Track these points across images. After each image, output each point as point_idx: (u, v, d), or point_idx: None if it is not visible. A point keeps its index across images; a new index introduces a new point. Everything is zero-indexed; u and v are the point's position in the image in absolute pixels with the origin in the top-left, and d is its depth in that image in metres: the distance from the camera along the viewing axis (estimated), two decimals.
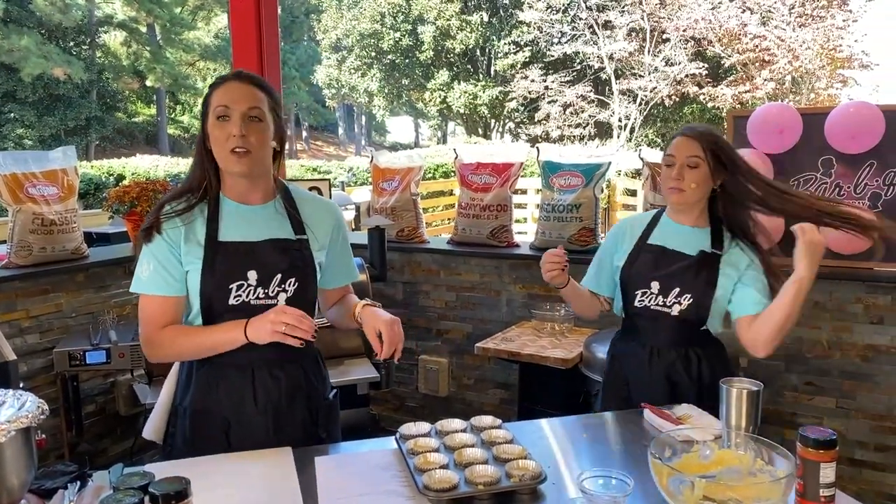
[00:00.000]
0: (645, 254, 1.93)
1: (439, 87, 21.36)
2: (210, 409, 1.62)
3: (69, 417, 3.05)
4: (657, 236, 1.94)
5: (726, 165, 1.83)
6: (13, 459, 1.24)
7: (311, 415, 1.70)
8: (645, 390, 1.90)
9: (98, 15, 23.27)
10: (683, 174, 1.83)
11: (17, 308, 2.99)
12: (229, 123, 1.52)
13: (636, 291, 1.92)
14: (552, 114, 19.15)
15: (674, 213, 1.95)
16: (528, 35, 19.90)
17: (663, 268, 1.89)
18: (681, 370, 1.90)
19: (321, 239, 1.69)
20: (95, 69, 22.78)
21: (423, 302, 3.66)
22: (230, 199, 1.62)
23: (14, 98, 20.59)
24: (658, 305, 1.89)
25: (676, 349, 1.90)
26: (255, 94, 1.55)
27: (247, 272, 1.57)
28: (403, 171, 3.70)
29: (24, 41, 19.52)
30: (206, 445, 1.60)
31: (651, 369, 1.92)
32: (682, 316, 1.86)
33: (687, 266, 1.86)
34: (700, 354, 1.91)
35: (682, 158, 1.83)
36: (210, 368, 1.62)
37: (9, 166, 3.02)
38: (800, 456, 1.31)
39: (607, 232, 2.06)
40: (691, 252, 1.87)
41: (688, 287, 1.85)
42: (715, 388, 1.75)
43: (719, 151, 1.83)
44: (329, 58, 23.17)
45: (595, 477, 1.34)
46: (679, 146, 1.85)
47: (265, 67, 3.99)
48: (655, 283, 1.89)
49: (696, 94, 17.54)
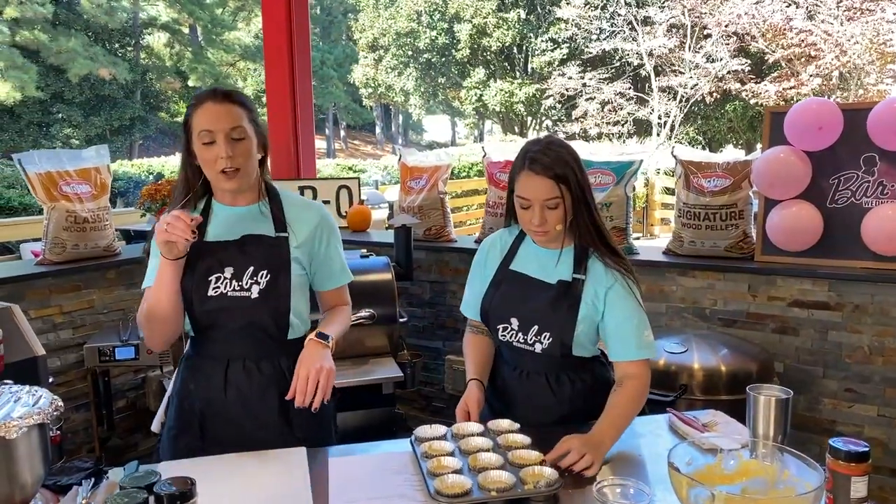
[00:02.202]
0: (506, 284, 1.77)
1: (475, 86, 21.29)
2: (188, 398, 1.71)
3: (99, 412, 3.10)
4: (519, 261, 1.79)
5: (577, 186, 1.64)
6: (26, 456, 1.24)
7: (285, 415, 1.70)
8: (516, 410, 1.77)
9: (142, 17, 23.79)
10: (546, 217, 1.64)
11: (50, 304, 3.05)
12: (215, 146, 1.59)
13: (497, 325, 1.77)
14: (590, 111, 18.93)
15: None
16: (565, 32, 19.69)
17: (523, 302, 1.73)
18: (549, 395, 1.77)
19: (300, 237, 1.73)
20: (139, 70, 23.31)
21: (451, 301, 3.63)
22: (220, 202, 1.72)
23: (62, 99, 21.18)
24: (520, 343, 1.74)
25: (546, 376, 1.77)
26: (234, 112, 1.61)
27: (224, 267, 1.65)
28: (431, 169, 3.68)
29: (72, 43, 20.05)
30: (183, 434, 1.70)
31: (521, 389, 1.80)
32: (546, 353, 1.72)
33: (546, 300, 1.70)
34: (572, 377, 1.77)
35: (539, 202, 1.63)
36: (194, 360, 1.73)
37: (43, 165, 3.08)
38: (830, 468, 1.25)
39: (475, 257, 1.89)
40: (552, 280, 1.72)
41: (547, 324, 1.70)
42: (591, 411, 1.68)
43: (573, 183, 1.63)
44: (366, 57, 23.28)
45: (613, 485, 1.30)
46: (534, 188, 1.62)
47: (296, 71, 4.02)
48: (514, 319, 1.74)
49: (738, 90, 17.13)
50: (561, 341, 1.69)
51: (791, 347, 2.87)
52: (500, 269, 1.80)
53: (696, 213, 3.03)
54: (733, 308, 2.97)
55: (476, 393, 1.74)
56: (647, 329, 1.70)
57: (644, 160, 3.28)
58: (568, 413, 1.76)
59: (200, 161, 1.62)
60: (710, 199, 3.00)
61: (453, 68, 22.02)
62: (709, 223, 3.01)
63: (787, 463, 1.32)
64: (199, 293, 1.63)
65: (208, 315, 1.65)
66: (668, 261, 3.11)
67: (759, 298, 2.92)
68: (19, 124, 20.90)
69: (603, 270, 1.70)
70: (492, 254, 1.85)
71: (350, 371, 2.83)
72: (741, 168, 2.97)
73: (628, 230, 3.29)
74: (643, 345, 1.68)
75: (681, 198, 3.12)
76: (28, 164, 3.07)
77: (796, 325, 2.85)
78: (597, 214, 1.71)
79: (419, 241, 3.62)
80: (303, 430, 1.71)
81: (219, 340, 1.68)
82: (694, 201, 3.04)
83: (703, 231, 3.03)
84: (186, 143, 1.64)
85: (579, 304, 1.68)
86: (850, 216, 2.74)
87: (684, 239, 3.10)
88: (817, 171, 2.76)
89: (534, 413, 1.76)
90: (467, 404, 1.72)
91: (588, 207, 1.68)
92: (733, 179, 2.97)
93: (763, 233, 2.90)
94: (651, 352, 1.70)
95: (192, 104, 1.63)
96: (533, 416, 1.74)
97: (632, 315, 1.68)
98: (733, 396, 2.38)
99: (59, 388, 3.08)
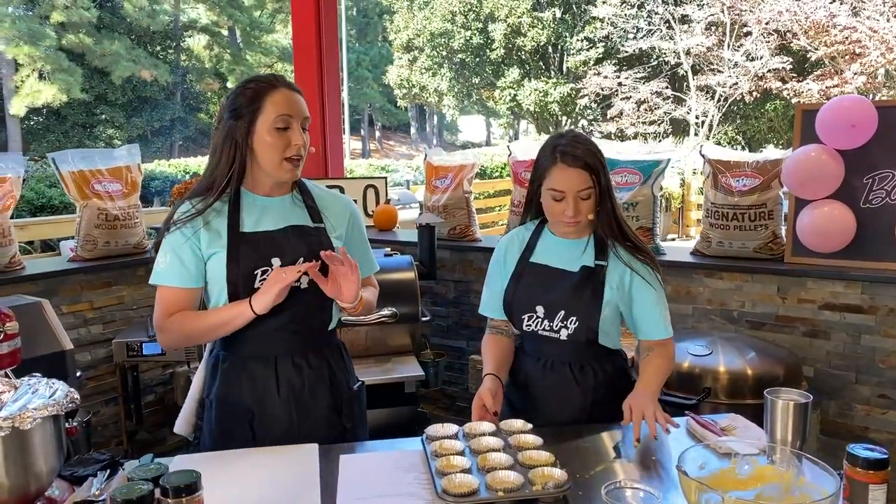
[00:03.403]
0: (528, 275, 1.80)
1: (509, 86, 21.22)
2: (234, 400, 1.65)
3: (128, 406, 3.16)
4: (539, 253, 1.81)
5: (605, 178, 1.71)
6: (41, 446, 1.27)
7: (335, 405, 1.71)
8: (538, 403, 1.80)
9: (183, 20, 24.30)
10: (579, 208, 1.68)
11: (81, 300, 3.13)
12: (290, 132, 1.58)
13: (522, 316, 1.79)
14: (625, 111, 18.72)
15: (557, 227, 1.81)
16: (601, 31, 19.51)
17: (547, 289, 1.76)
18: (572, 386, 1.79)
19: (338, 228, 1.73)
20: (180, 72, 23.81)
21: (475, 301, 3.61)
22: (250, 192, 1.66)
23: (105, 100, 21.76)
24: (545, 330, 1.77)
25: (570, 365, 1.79)
26: (304, 102, 1.63)
27: (271, 259, 1.61)
28: (456, 168, 3.67)
29: (115, 46, 20.58)
30: (231, 437, 1.64)
31: (543, 382, 1.81)
32: (572, 339, 1.75)
33: (570, 286, 1.74)
34: (595, 368, 1.79)
35: (573, 193, 1.67)
36: (234, 360, 1.66)
37: (76, 164, 3.16)
38: (847, 476, 1.21)
39: (493, 256, 1.91)
40: (574, 268, 1.75)
41: (573, 309, 1.73)
42: (609, 404, 1.73)
43: (600, 168, 1.69)
44: (401, 58, 23.37)
45: (622, 488, 1.28)
46: (566, 181, 1.67)
47: (324, 71, 4.06)
48: (540, 307, 1.76)
49: (779, 89, 16.76)
50: (587, 326, 1.73)
51: (822, 352, 2.79)
52: (521, 262, 1.82)
53: (725, 212, 2.97)
54: (762, 310, 2.90)
55: (490, 384, 1.75)
56: (668, 311, 1.80)
57: (671, 159, 3.22)
58: (589, 405, 1.77)
59: (266, 146, 1.57)
60: (739, 199, 2.94)
61: (487, 68, 21.99)
62: (737, 223, 2.94)
63: (803, 469, 1.28)
64: (246, 286, 1.59)
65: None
66: (696, 262, 3.05)
67: (788, 301, 2.84)
68: (65, 126, 21.53)
69: (626, 256, 1.75)
70: (510, 250, 1.86)
71: (372, 369, 2.84)
72: (771, 167, 2.90)
73: (655, 230, 3.24)
74: (669, 325, 1.79)
75: (709, 197, 3.06)
76: (62, 163, 3.15)
77: (827, 329, 2.78)
78: (617, 206, 1.77)
79: (444, 241, 3.62)
80: (350, 419, 1.73)
81: (263, 337, 1.63)
82: (722, 201, 2.98)
83: (732, 231, 2.97)
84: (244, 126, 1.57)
85: (603, 289, 1.72)
86: (884, 217, 2.66)
87: (712, 239, 3.04)
88: (850, 171, 2.67)
89: (556, 405, 1.78)
90: (482, 398, 1.72)
91: (611, 198, 1.74)
92: (763, 179, 2.90)
93: (793, 233, 2.83)
94: (671, 330, 1.81)
95: (262, 86, 1.58)
96: (555, 408, 1.77)
97: (658, 299, 1.76)
98: (758, 401, 2.29)
99: (89, 381, 3.16)
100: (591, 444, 1.62)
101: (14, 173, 2.98)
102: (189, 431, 1.76)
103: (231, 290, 1.60)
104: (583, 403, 1.78)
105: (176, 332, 1.62)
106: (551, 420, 1.75)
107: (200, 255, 1.61)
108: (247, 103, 1.58)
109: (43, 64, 19.09)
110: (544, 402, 1.79)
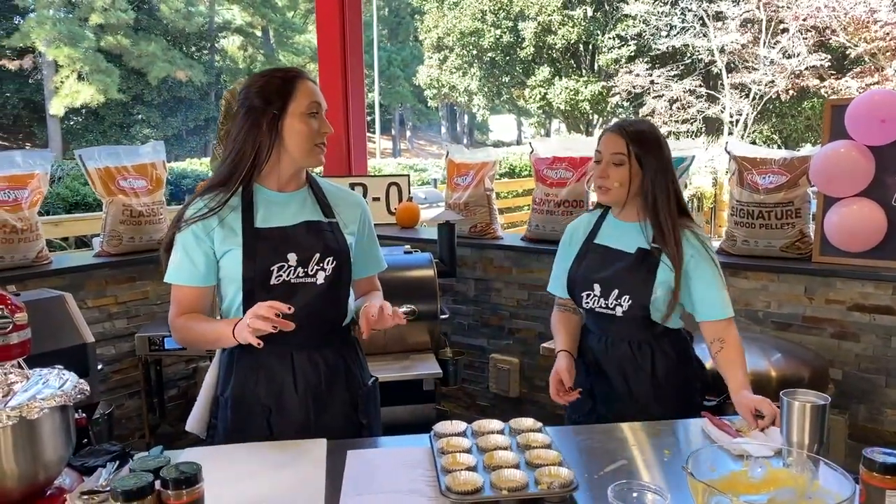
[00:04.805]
0: (591, 255, 1.91)
1: (539, 84, 21.09)
2: (251, 397, 1.65)
3: (150, 400, 3.21)
4: (602, 235, 1.92)
5: (653, 161, 1.79)
6: (50, 436, 1.28)
7: (352, 401, 1.71)
8: (603, 382, 1.90)
9: (218, 21, 24.67)
10: (609, 172, 1.80)
11: (106, 294, 3.18)
12: (318, 120, 1.62)
13: (581, 294, 1.90)
14: (657, 109, 18.46)
15: (616, 210, 1.91)
16: (633, 29, 19.28)
17: (605, 268, 1.86)
18: (633, 362, 1.87)
19: (350, 224, 1.74)
20: (214, 72, 24.16)
21: (495, 300, 3.59)
22: (265, 186, 1.66)
23: (142, 101, 22.19)
24: (602, 308, 1.86)
25: (629, 342, 1.87)
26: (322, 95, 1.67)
27: (287, 254, 1.61)
28: (477, 165, 3.65)
29: (152, 47, 20.99)
30: (247, 433, 1.63)
31: (607, 360, 1.90)
32: (627, 316, 1.83)
33: (626, 266, 1.83)
34: (654, 347, 1.86)
35: (608, 155, 1.80)
36: (250, 357, 1.65)
37: (103, 160, 3.21)
38: (863, 481, 1.17)
39: (562, 238, 2.03)
40: (631, 249, 1.84)
41: (626, 288, 1.82)
42: (671, 381, 1.84)
43: (645, 146, 1.78)
44: (431, 57, 23.39)
45: (630, 489, 1.25)
46: (606, 142, 1.82)
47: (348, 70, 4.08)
48: (597, 284, 1.86)
49: (816, 87, 16.38)
50: (640, 304, 1.79)
51: (850, 354, 2.71)
52: (585, 243, 1.93)
53: (750, 210, 2.90)
54: (788, 311, 2.83)
55: (565, 362, 1.88)
56: (726, 290, 1.83)
57: (696, 156, 3.15)
58: (655, 387, 1.84)
59: (296, 132, 1.59)
60: (765, 197, 2.87)
61: (518, 67, 21.88)
62: (763, 221, 2.87)
63: (819, 473, 1.24)
64: (262, 283, 1.58)
65: None
66: (721, 260, 2.97)
67: (816, 301, 2.77)
68: (102, 125, 22.02)
69: (684, 241, 1.79)
70: (576, 234, 1.97)
71: (390, 366, 2.83)
72: (799, 164, 2.82)
73: None
74: (728, 304, 1.81)
75: (734, 195, 2.99)
76: (88, 160, 3.21)
77: (857, 331, 2.69)
78: (676, 185, 1.83)
79: (465, 238, 3.60)
80: (366, 415, 1.73)
81: (279, 333, 1.57)
82: (748, 199, 2.91)
83: (758, 230, 2.89)
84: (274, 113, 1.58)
85: (657, 270, 1.78)
86: None
87: (737, 238, 2.97)
88: (880, 167, 2.59)
89: (626, 382, 1.86)
90: (559, 373, 1.85)
91: (666, 179, 1.80)
92: (790, 176, 2.83)
93: (821, 232, 2.75)
94: (732, 310, 1.82)
95: (290, 75, 1.61)
96: (619, 385, 1.87)
97: (715, 278, 1.80)
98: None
99: (114, 375, 3.22)
100: (601, 444, 1.59)
101: (42, 170, 3.05)
102: (202, 430, 1.75)
103: (247, 287, 1.60)
104: (645, 381, 1.85)
105: (181, 334, 1.65)
106: (617, 398, 1.87)
107: (212, 254, 1.61)
108: (277, 91, 1.59)
109: (82, 65, 19.55)
110: (616, 379, 1.88)
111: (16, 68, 20.23)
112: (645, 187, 1.79)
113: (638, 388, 1.85)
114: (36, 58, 20.31)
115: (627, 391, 1.86)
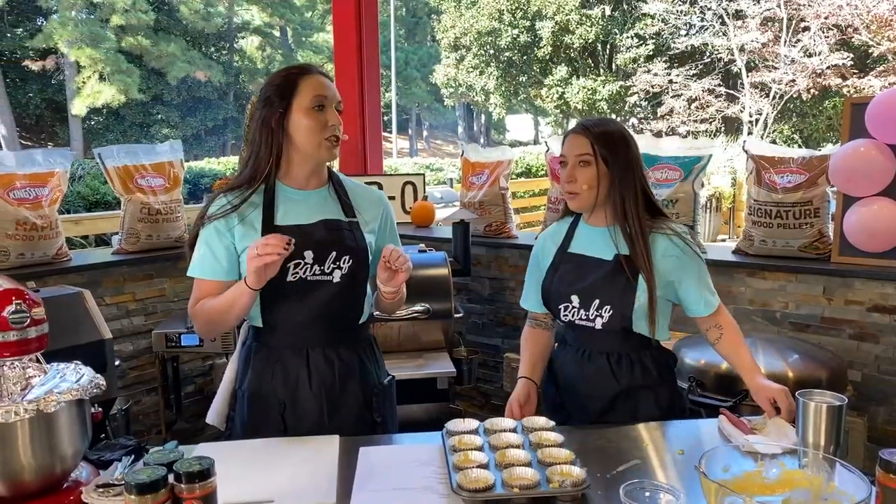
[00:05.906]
0: (565, 265, 1.82)
1: (557, 84, 21.01)
2: (266, 391, 1.67)
3: (167, 396, 3.24)
4: (576, 244, 1.83)
5: (620, 160, 1.71)
6: (66, 429, 1.30)
7: (366, 399, 1.72)
8: (577, 395, 1.82)
9: (236, 21, 24.83)
10: (575, 175, 1.73)
11: (124, 291, 3.22)
12: (326, 113, 1.61)
13: (559, 306, 1.81)
14: (676, 108, 18.32)
15: (587, 216, 1.83)
16: (651, 28, 19.13)
17: (582, 279, 1.77)
18: (612, 375, 1.78)
19: (371, 223, 1.74)
20: (232, 72, 24.33)
21: (510, 298, 3.59)
22: (286, 185, 1.68)
23: (161, 101, 22.40)
24: (581, 320, 1.78)
25: (607, 355, 1.79)
26: (336, 88, 1.66)
27: (303, 252, 1.61)
28: (492, 164, 3.64)
29: (171, 47, 21.18)
30: (262, 428, 1.65)
31: (583, 373, 1.82)
32: (607, 328, 1.75)
33: (604, 274, 1.74)
34: (634, 360, 1.78)
35: (572, 157, 1.73)
36: (267, 352, 1.68)
37: (121, 159, 3.25)
38: (880, 482, 1.15)
39: (532, 251, 1.94)
40: (608, 256, 1.75)
41: (606, 297, 1.74)
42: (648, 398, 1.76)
43: (610, 146, 1.71)
44: (448, 57, 23.38)
45: (642, 488, 1.24)
46: (570, 144, 1.74)
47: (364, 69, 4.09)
48: (575, 296, 1.77)
49: (839, 86, 16.16)
50: (621, 314, 1.72)
51: (870, 356, 2.67)
52: (558, 253, 1.84)
53: (768, 210, 2.87)
54: (806, 312, 2.79)
55: (521, 392, 1.81)
56: (709, 279, 1.80)
57: (713, 155, 3.12)
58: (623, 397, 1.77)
59: (302, 128, 1.59)
60: (783, 196, 2.84)
61: (535, 66, 21.80)
62: (781, 221, 2.84)
63: (834, 475, 1.22)
64: (278, 280, 1.57)
65: (287, 302, 1.62)
66: (737, 261, 2.96)
67: (835, 302, 2.73)
68: (123, 125, 22.26)
69: (663, 243, 1.73)
70: (548, 244, 1.88)
71: (404, 364, 2.84)
72: (818, 163, 2.79)
73: (696, 228, 3.16)
74: (714, 294, 1.79)
75: (751, 194, 2.96)
76: (107, 158, 3.24)
77: (876, 332, 2.66)
78: (644, 183, 1.76)
79: (479, 237, 3.60)
80: (380, 413, 1.74)
81: (295, 329, 1.64)
82: (765, 198, 2.88)
83: (775, 230, 2.86)
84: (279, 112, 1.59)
85: (638, 276, 1.71)
86: None
87: (755, 238, 2.94)
88: None
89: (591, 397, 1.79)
90: (510, 407, 1.80)
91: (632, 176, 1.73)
92: (808, 175, 2.80)
93: (840, 232, 2.72)
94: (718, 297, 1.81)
95: (294, 72, 1.62)
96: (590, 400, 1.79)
97: (702, 274, 1.77)
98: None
99: (131, 371, 3.25)
100: (614, 443, 1.58)
101: (62, 168, 3.09)
102: (221, 422, 1.78)
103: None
104: (617, 395, 1.77)
105: (201, 318, 1.65)
106: (585, 411, 1.79)
107: (234, 250, 1.64)
108: (280, 89, 1.60)
109: (103, 65, 19.76)
110: (580, 395, 1.81)
111: (39, 69, 20.51)
112: (613, 188, 1.72)
113: (604, 402, 1.78)
114: (58, 59, 20.57)
115: (599, 408, 1.79)
